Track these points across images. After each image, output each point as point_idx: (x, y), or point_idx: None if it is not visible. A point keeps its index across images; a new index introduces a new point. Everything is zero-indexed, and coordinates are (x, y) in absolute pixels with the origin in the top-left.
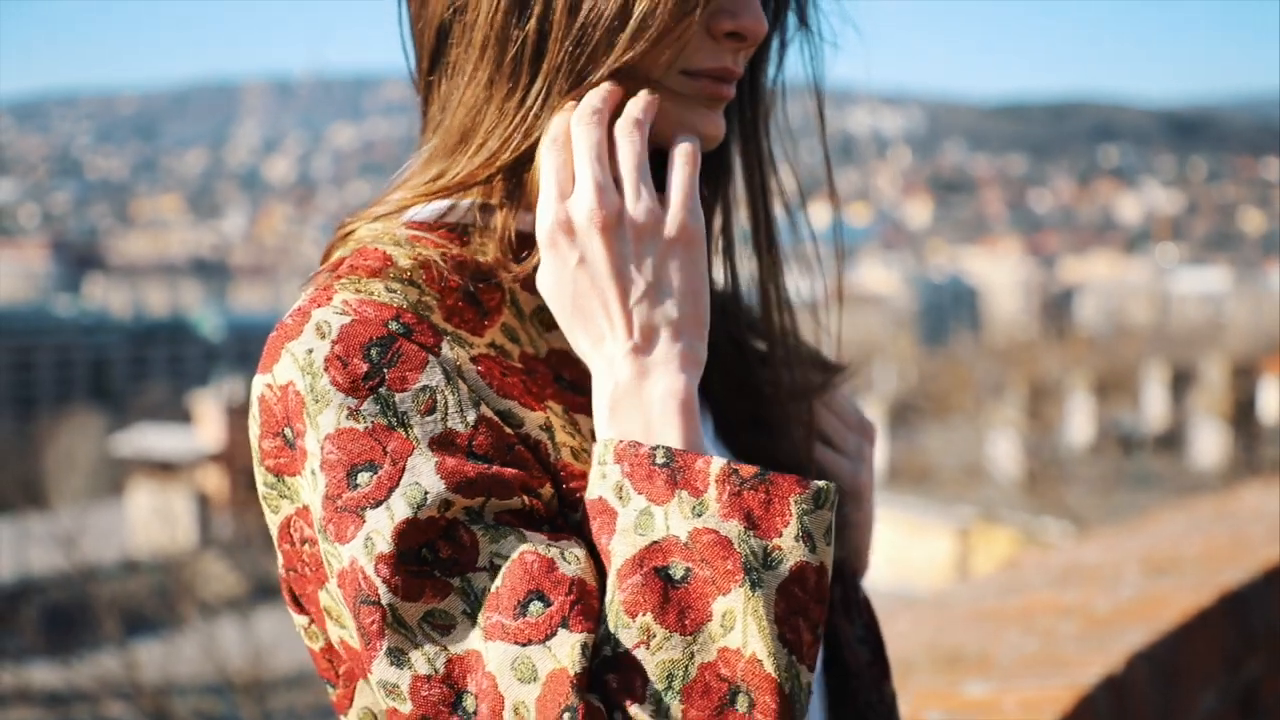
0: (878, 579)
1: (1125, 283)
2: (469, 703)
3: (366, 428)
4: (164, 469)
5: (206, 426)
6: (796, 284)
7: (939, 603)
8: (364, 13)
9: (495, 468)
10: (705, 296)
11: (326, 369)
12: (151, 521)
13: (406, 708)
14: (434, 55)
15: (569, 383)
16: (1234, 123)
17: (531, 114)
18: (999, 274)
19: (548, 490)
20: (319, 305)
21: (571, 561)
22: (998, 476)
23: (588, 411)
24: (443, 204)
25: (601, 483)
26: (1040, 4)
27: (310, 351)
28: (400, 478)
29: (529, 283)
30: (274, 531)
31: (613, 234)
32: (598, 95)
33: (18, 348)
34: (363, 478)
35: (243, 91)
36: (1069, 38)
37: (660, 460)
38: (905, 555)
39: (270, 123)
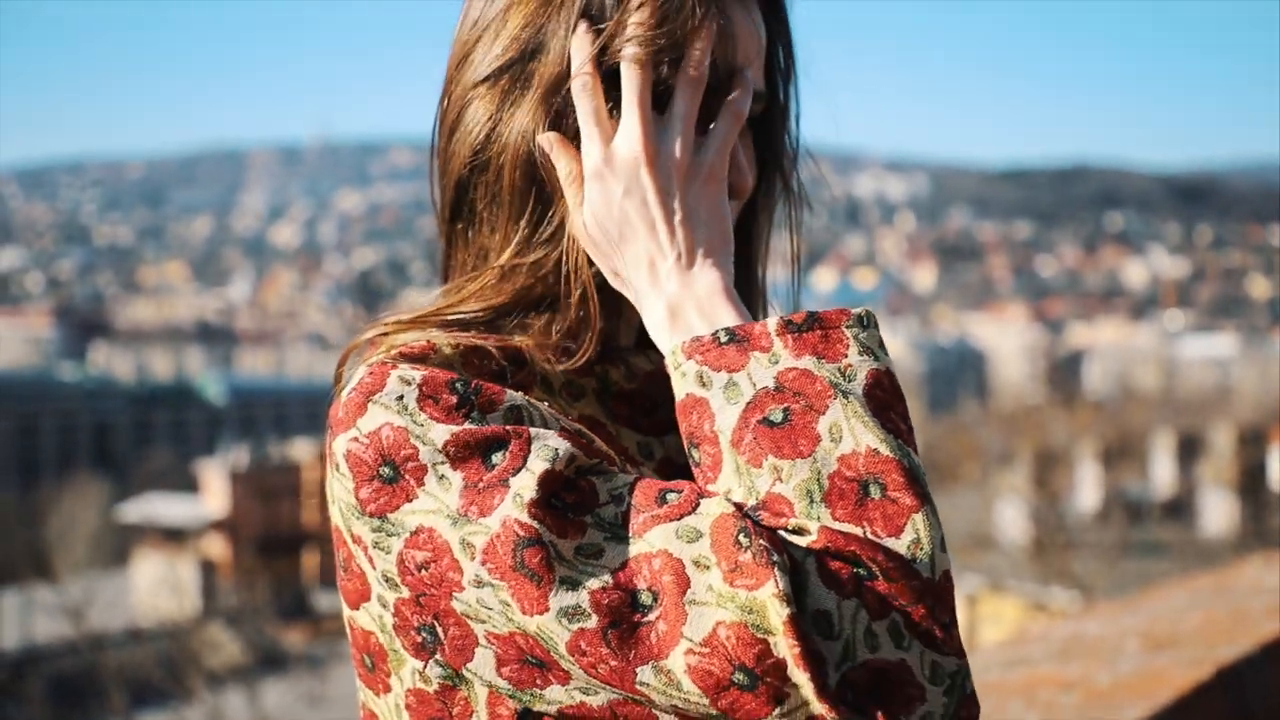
0: None
1: (1132, 348)
2: (645, 598)
3: (488, 431)
4: (169, 537)
5: (212, 494)
6: None
7: None
8: (370, 80)
9: (595, 445)
10: (729, 226)
11: (422, 408)
12: (157, 590)
13: (592, 621)
14: (454, 206)
15: (591, 445)
16: (1239, 188)
17: (550, 256)
18: (1005, 339)
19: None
20: (392, 369)
21: (680, 482)
22: (1005, 544)
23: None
24: (475, 309)
25: (683, 381)
26: (1043, 70)
27: (401, 397)
28: (530, 445)
29: (559, 360)
30: (392, 571)
31: (656, 168)
32: (641, 49)
33: (21, 414)
34: (496, 456)
35: (249, 158)
36: (1073, 103)
37: (725, 339)
38: None
39: (277, 189)
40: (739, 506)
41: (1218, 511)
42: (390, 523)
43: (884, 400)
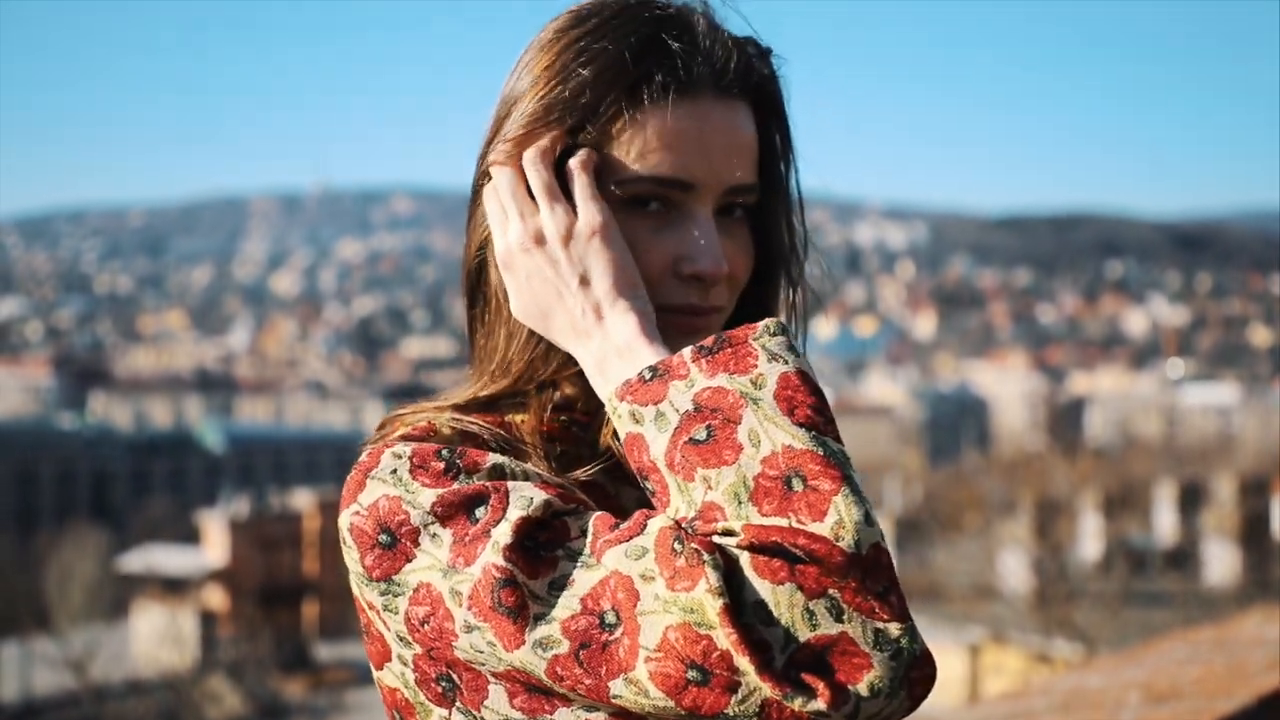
0: None
1: (1133, 397)
2: (610, 618)
3: (472, 490)
4: (169, 588)
5: (212, 545)
6: None
7: None
8: (371, 128)
9: (575, 496)
10: (627, 264)
11: (413, 476)
12: (156, 641)
13: (564, 647)
14: (470, 294)
15: (592, 500)
16: (1239, 237)
17: (540, 345)
18: (1006, 387)
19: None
20: (387, 448)
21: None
22: (1007, 595)
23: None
24: (489, 391)
25: (621, 423)
26: (1042, 117)
27: (394, 470)
28: (508, 497)
29: (552, 436)
30: (403, 629)
31: (543, 248)
32: (529, 152)
33: (20, 463)
34: (479, 511)
35: (250, 206)
36: (1071, 151)
37: (648, 376)
38: None
39: (277, 237)
40: (679, 521)
41: (1220, 561)
42: (395, 584)
43: (794, 399)
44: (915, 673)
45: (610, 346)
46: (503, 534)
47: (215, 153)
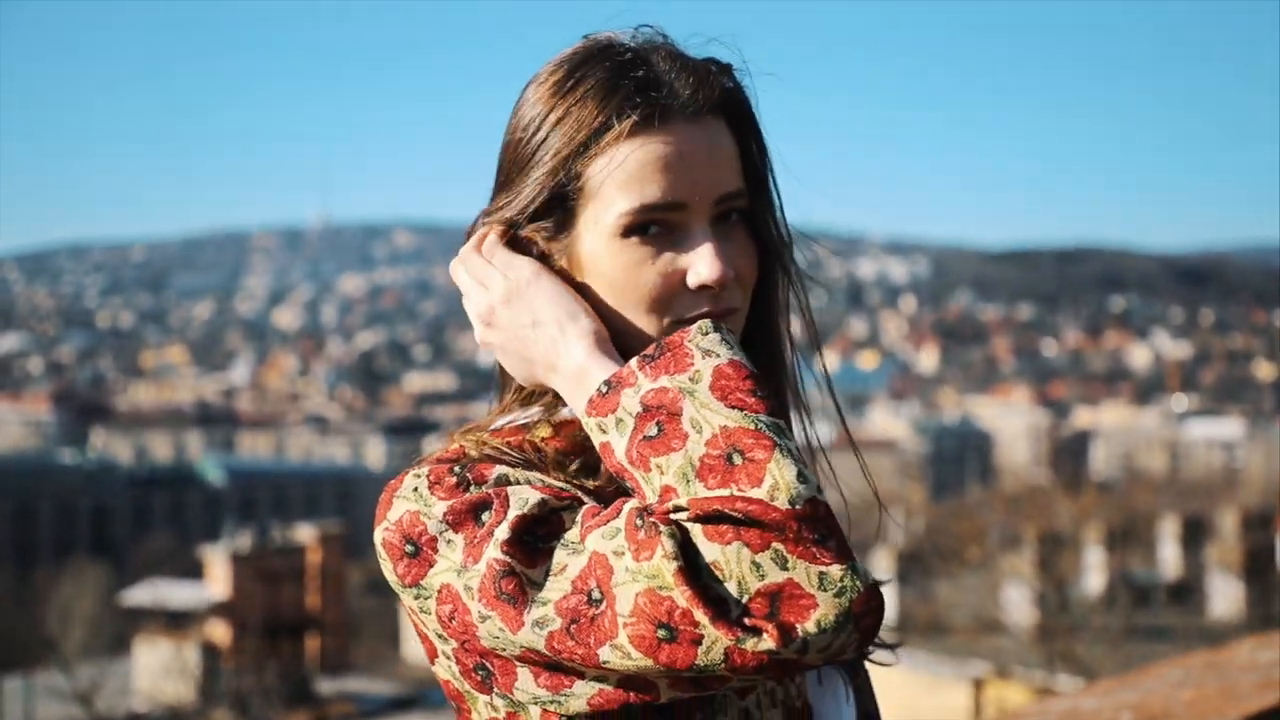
0: None
1: (1137, 431)
2: (596, 594)
3: (476, 498)
4: (171, 622)
5: (215, 579)
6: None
7: None
8: (373, 163)
9: (570, 494)
10: (563, 297)
11: (430, 492)
12: (159, 675)
13: (557, 624)
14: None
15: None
16: (1243, 271)
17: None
18: (1009, 421)
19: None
20: (411, 472)
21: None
22: (1011, 629)
23: None
24: (516, 416)
25: (595, 435)
26: (1043, 151)
27: (415, 488)
28: (509, 500)
29: (571, 450)
30: (438, 628)
31: (493, 316)
32: (467, 246)
33: (20, 498)
34: (485, 515)
35: (251, 240)
36: (1073, 185)
37: (604, 390)
38: (918, 709)
39: (279, 272)
40: (645, 508)
41: (1223, 595)
42: (424, 589)
43: (727, 386)
44: (861, 606)
45: (572, 374)
46: (502, 531)
47: (216, 188)
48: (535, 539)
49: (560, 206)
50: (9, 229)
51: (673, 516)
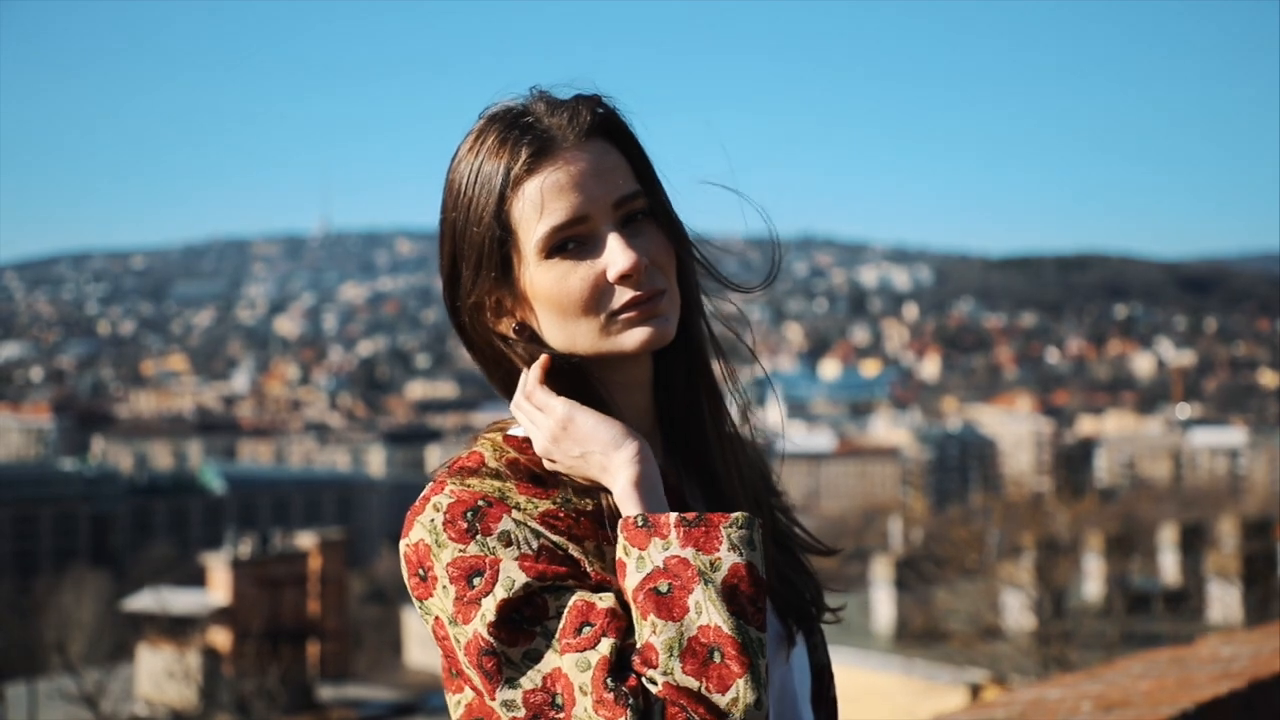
0: None
1: (1140, 439)
2: (560, 700)
3: (472, 557)
4: (172, 628)
5: (216, 586)
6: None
7: None
8: (374, 171)
9: (555, 565)
10: (600, 431)
11: (444, 529)
12: (160, 680)
13: (522, 713)
14: (471, 343)
15: (601, 528)
16: (1247, 279)
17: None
18: (1012, 429)
19: (590, 574)
20: (436, 493)
21: (605, 599)
22: (1008, 635)
23: (611, 544)
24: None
25: (619, 548)
26: (1046, 158)
27: (433, 520)
28: (498, 576)
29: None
30: (435, 640)
31: (555, 445)
32: (530, 373)
33: (21, 506)
34: (475, 581)
35: (252, 249)
36: (1076, 192)
37: (640, 524)
38: (915, 715)
39: (280, 280)
40: (622, 651)
41: (1221, 603)
42: (425, 606)
43: (736, 588)
44: None
45: (618, 492)
46: (489, 609)
47: (217, 196)
48: (520, 619)
49: (499, 253)
50: (10, 237)
51: (646, 685)
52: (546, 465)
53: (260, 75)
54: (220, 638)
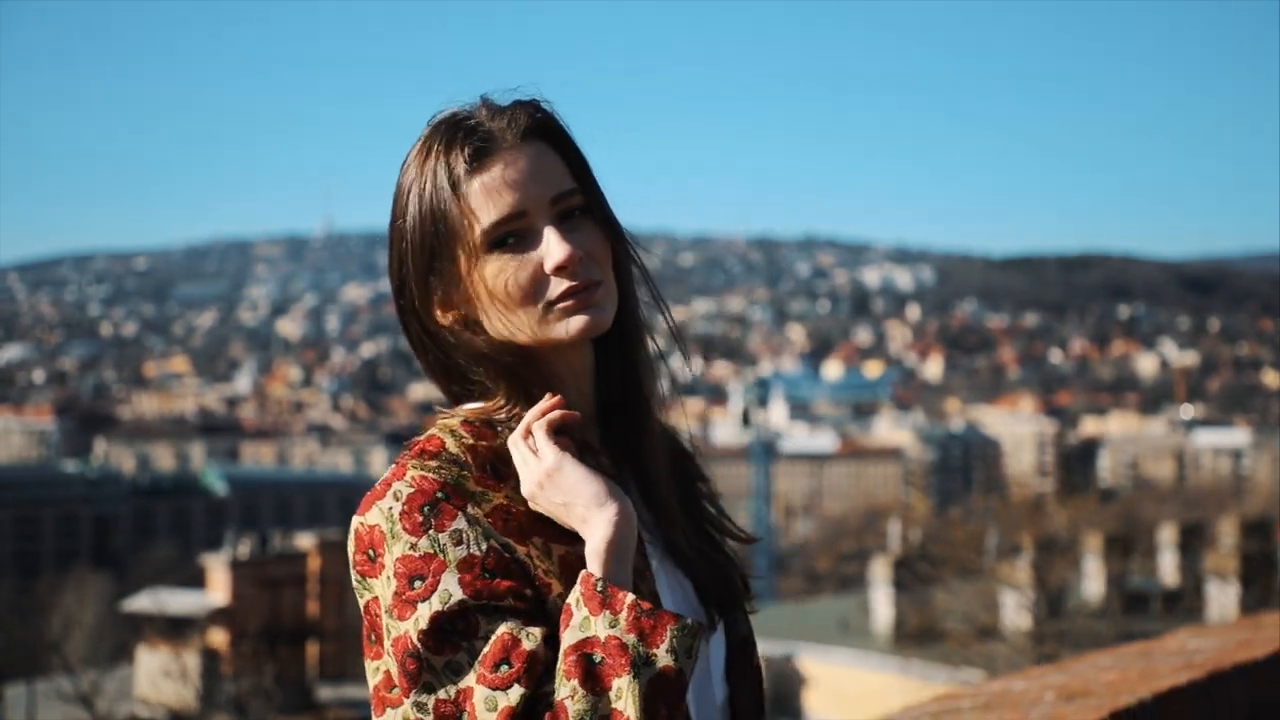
0: None
1: (1144, 439)
2: (466, 712)
3: (420, 555)
4: (171, 628)
5: (215, 586)
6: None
7: None
8: (376, 172)
9: (496, 580)
10: (585, 487)
11: (400, 520)
12: (160, 680)
13: (430, 718)
14: (422, 343)
15: (553, 524)
16: (1250, 279)
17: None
18: (1016, 429)
19: (530, 593)
20: (398, 479)
21: (531, 640)
22: (1006, 635)
23: (560, 542)
24: (487, 409)
25: (572, 594)
26: (1048, 158)
27: (391, 509)
28: (437, 585)
29: None
30: (362, 606)
31: (540, 490)
32: (531, 413)
33: (23, 507)
34: (416, 584)
35: (255, 250)
36: (1079, 192)
37: (599, 589)
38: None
39: (282, 281)
40: (532, 700)
41: (1220, 603)
42: (366, 584)
43: (660, 690)
44: None
45: (589, 548)
46: (423, 616)
47: (219, 197)
48: (451, 630)
49: (444, 250)
50: (12, 238)
51: None
52: (531, 505)
53: (262, 76)
54: (219, 638)
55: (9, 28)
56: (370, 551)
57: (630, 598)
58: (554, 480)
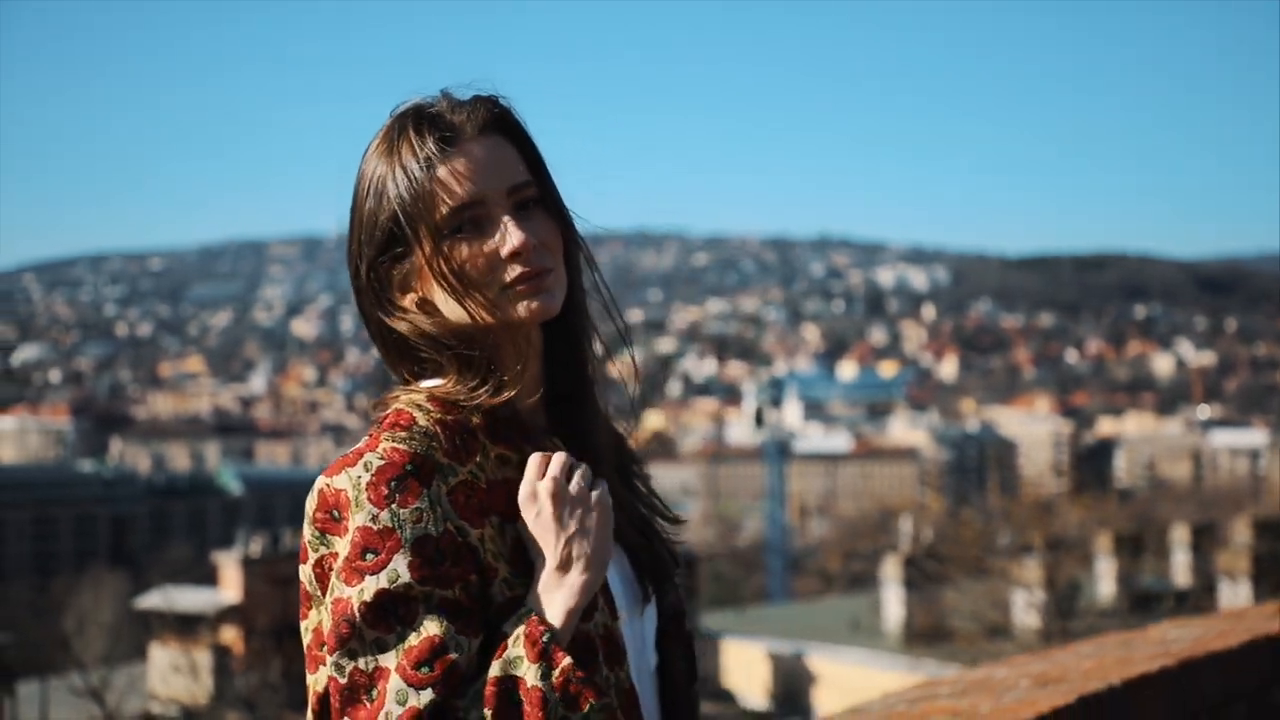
0: None
1: (1160, 440)
2: (374, 693)
3: (379, 528)
4: (184, 625)
5: (227, 584)
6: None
7: (856, 711)
8: None
9: (445, 567)
10: (609, 539)
11: (366, 490)
12: (172, 676)
13: (343, 679)
14: (384, 339)
15: (511, 503)
16: (1267, 279)
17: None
18: (1031, 430)
19: (474, 580)
20: (370, 449)
21: (458, 649)
22: (1015, 634)
23: (516, 523)
24: (447, 386)
25: (510, 622)
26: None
27: (359, 478)
28: (388, 562)
29: (496, 436)
30: (312, 562)
31: (557, 499)
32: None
33: (39, 507)
34: (368, 556)
35: (269, 250)
36: (1094, 191)
37: (544, 639)
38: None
39: (296, 281)
40: (441, 708)
41: (1230, 603)
42: (325, 539)
43: None
44: None
45: (552, 596)
46: (368, 589)
47: (234, 198)
48: (390, 609)
49: (404, 235)
50: (28, 239)
51: None
52: (524, 522)
53: (277, 76)
54: (231, 635)
55: (23, 29)
56: (334, 512)
57: (568, 662)
58: (584, 518)
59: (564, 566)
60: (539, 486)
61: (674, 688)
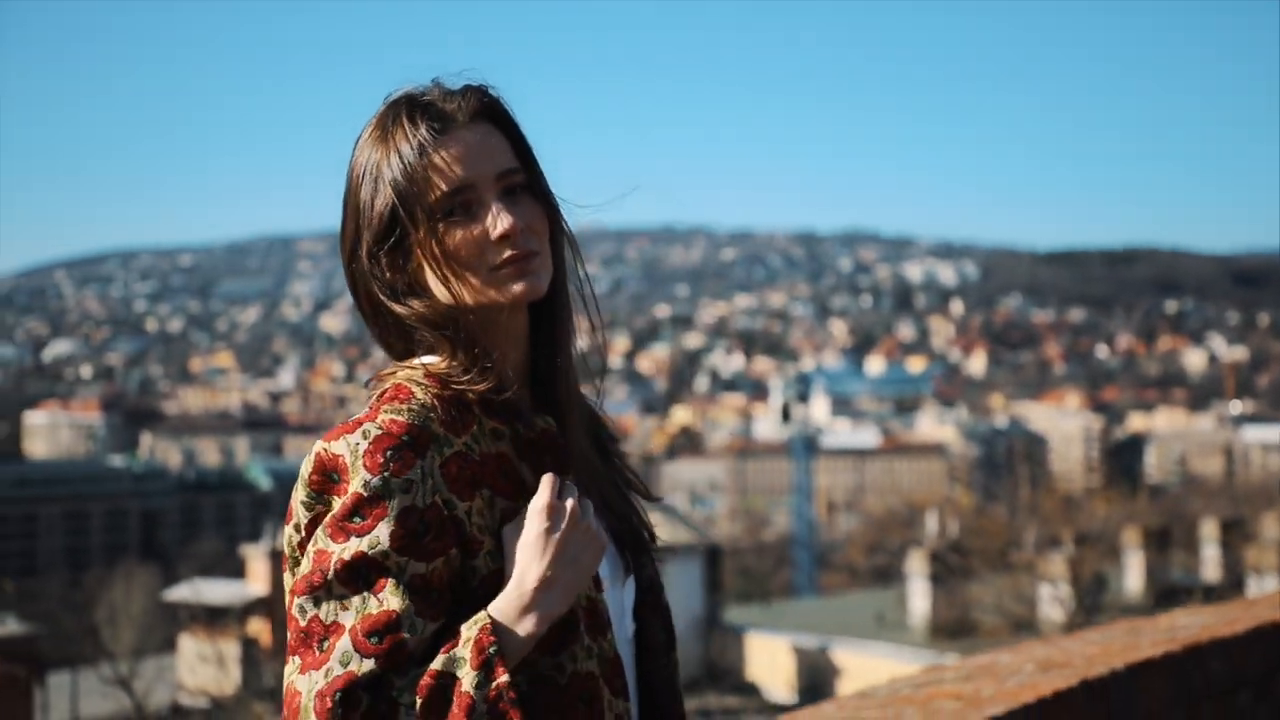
0: None
1: (1192, 435)
2: (325, 645)
3: (370, 494)
4: (212, 617)
5: (255, 576)
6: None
7: (864, 694)
8: None
9: (426, 540)
10: (589, 579)
11: (363, 457)
12: (201, 668)
13: (303, 622)
14: (381, 320)
15: (503, 477)
16: None
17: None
18: (1061, 425)
19: (455, 554)
20: (369, 419)
21: (411, 630)
22: (1041, 628)
23: (504, 496)
24: (439, 364)
25: (469, 624)
26: (1094, 150)
27: (356, 445)
28: (372, 528)
29: (489, 411)
30: (305, 518)
31: (572, 524)
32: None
33: (71, 502)
34: (355, 519)
35: (298, 246)
36: (1125, 185)
37: (491, 650)
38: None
39: (325, 277)
40: (378, 679)
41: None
42: (321, 499)
43: None
44: None
45: (521, 612)
46: (348, 550)
47: (263, 194)
48: (363, 571)
49: (397, 218)
50: (59, 236)
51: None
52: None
53: (306, 74)
54: (258, 627)
55: (56, 29)
56: (333, 474)
57: (505, 680)
58: (581, 551)
59: (544, 587)
60: (559, 505)
61: (651, 655)
